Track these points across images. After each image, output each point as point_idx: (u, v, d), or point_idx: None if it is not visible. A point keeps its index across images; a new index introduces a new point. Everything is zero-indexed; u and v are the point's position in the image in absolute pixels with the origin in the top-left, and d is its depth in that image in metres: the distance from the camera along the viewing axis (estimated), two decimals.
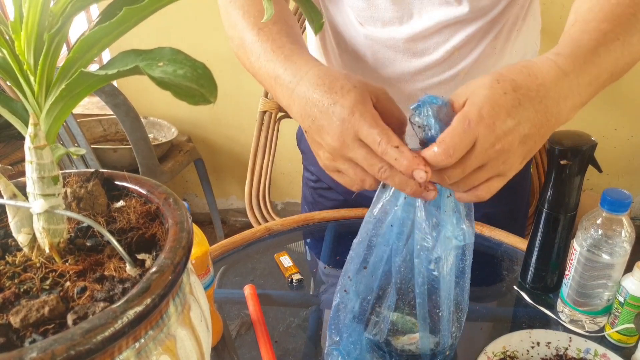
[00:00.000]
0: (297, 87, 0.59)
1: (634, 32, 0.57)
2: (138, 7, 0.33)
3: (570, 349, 0.66)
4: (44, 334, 0.31)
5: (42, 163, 0.37)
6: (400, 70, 0.82)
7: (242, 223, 2.59)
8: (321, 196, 1.05)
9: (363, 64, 0.84)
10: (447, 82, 0.81)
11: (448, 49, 0.78)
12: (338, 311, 0.62)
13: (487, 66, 0.82)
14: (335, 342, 0.63)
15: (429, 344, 0.61)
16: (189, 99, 0.34)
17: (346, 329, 0.62)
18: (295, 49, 0.65)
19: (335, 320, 0.62)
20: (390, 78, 0.83)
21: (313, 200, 1.07)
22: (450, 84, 0.82)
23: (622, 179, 2.35)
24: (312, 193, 1.07)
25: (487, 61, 0.81)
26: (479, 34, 0.78)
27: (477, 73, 0.81)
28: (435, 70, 0.81)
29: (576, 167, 0.68)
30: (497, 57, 0.82)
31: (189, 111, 2.30)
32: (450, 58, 0.79)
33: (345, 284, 0.61)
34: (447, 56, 0.79)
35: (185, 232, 0.38)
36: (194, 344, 0.37)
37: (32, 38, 0.35)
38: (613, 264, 0.66)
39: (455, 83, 0.81)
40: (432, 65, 0.80)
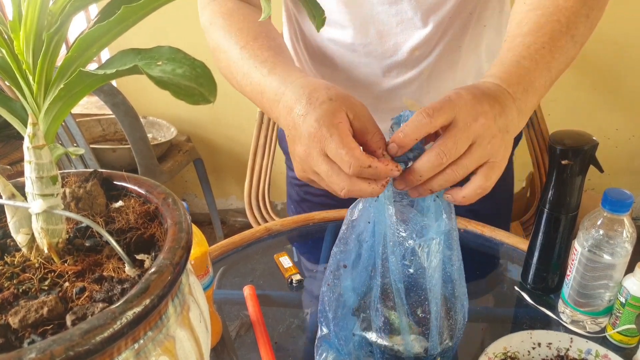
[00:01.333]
0: (282, 98, 0.60)
1: (559, 36, 0.61)
2: (136, 5, 0.33)
3: (572, 350, 0.66)
4: (43, 334, 0.31)
5: (40, 163, 0.37)
6: (365, 73, 0.83)
7: (242, 223, 2.59)
8: (307, 193, 1.05)
9: (331, 68, 0.86)
10: (412, 82, 0.83)
11: (407, 50, 0.79)
12: (323, 304, 0.62)
13: (451, 63, 0.82)
14: (324, 334, 0.63)
15: (414, 347, 0.60)
16: (188, 99, 0.34)
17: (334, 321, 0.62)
18: (278, 62, 0.66)
19: (324, 313, 0.62)
20: (356, 81, 0.85)
21: (299, 198, 1.07)
22: (414, 84, 0.83)
23: (624, 179, 2.35)
24: (297, 191, 1.07)
25: (451, 58, 0.82)
26: (436, 33, 0.78)
27: (441, 72, 0.82)
28: (398, 71, 0.82)
29: (577, 167, 0.68)
30: (462, 54, 0.82)
31: (189, 111, 2.30)
32: (411, 58, 0.80)
33: (328, 278, 0.62)
34: (408, 57, 0.80)
35: (185, 233, 0.38)
36: (193, 344, 0.37)
37: (31, 37, 0.35)
38: (614, 264, 0.66)
39: (419, 82, 0.83)
40: (394, 66, 0.81)
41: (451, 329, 0.62)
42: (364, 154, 0.52)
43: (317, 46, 0.86)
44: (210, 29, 0.76)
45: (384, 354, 0.61)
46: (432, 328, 0.59)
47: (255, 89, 0.66)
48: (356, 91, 0.85)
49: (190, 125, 2.35)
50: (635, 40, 2.04)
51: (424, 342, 0.61)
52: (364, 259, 0.60)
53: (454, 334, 0.62)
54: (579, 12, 0.63)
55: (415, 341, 0.61)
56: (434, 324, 0.59)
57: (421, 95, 0.84)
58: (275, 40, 0.72)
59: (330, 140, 0.52)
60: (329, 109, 0.54)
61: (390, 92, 0.84)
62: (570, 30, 0.62)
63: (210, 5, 0.78)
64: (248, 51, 0.68)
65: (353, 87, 0.85)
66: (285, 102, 0.59)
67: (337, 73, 0.85)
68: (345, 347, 0.62)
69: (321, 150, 0.53)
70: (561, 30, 0.62)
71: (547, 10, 0.63)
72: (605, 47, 2.05)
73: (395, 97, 0.84)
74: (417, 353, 0.61)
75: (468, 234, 0.92)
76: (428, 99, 0.84)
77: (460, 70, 0.83)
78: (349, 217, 0.60)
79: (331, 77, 0.87)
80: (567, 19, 0.62)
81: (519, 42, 0.61)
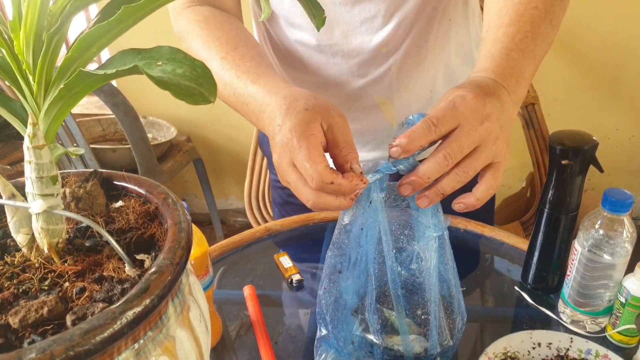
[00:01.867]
0: (266, 109, 0.60)
1: (539, 22, 0.63)
2: (136, 5, 0.33)
3: (572, 350, 0.66)
4: (43, 334, 0.31)
5: (40, 163, 0.37)
6: (335, 72, 0.83)
7: (242, 223, 2.59)
8: (290, 195, 1.05)
9: (300, 70, 0.86)
10: (381, 80, 0.83)
11: (373, 48, 0.80)
12: (321, 306, 0.62)
13: (419, 59, 0.83)
14: (323, 335, 0.63)
15: (415, 347, 0.61)
16: (188, 99, 0.34)
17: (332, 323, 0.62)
18: (261, 72, 0.66)
19: (322, 315, 0.62)
20: (327, 81, 0.85)
21: (282, 200, 1.07)
22: (384, 81, 0.83)
23: (624, 179, 2.35)
24: (280, 194, 1.07)
25: (419, 53, 0.82)
26: (401, 29, 0.79)
27: (410, 68, 0.83)
28: (367, 69, 0.82)
29: (577, 167, 0.68)
30: (430, 49, 0.82)
31: (189, 111, 2.30)
32: (378, 56, 0.81)
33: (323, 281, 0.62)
34: (374, 55, 0.80)
35: (185, 233, 0.38)
36: (193, 344, 0.37)
37: (31, 37, 0.35)
38: (614, 264, 0.66)
39: (388, 79, 0.83)
40: (362, 65, 0.82)
41: (450, 328, 0.62)
42: (327, 169, 0.52)
43: (285, 49, 0.86)
44: (187, 37, 0.75)
45: (383, 355, 0.61)
46: (432, 328, 0.59)
47: (239, 100, 0.66)
48: (328, 92, 0.85)
49: (190, 125, 2.35)
50: (635, 40, 2.04)
51: (424, 342, 0.61)
52: (362, 262, 0.60)
53: (454, 333, 0.62)
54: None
55: (415, 341, 0.61)
56: (433, 324, 0.59)
57: (392, 92, 0.84)
58: (255, 49, 0.72)
59: (299, 151, 0.53)
60: (303, 119, 0.54)
61: (361, 91, 0.84)
62: (549, 15, 0.63)
63: (185, 13, 0.77)
64: (229, 62, 0.68)
65: (324, 87, 0.85)
66: (269, 112, 0.60)
67: (307, 75, 0.86)
68: (345, 348, 0.62)
69: (290, 161, 0.54)
70: (540, 17, 0.63)
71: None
72: (605, 47, 2.05)
73: (366, 95, 0.85)
74: (417, 353, 0.61)
75: (468, 234, 0.92)
76: (399, 96, 0.85)
77: (429, 65, 0.84)
78: (341, 221, 0.60)
79: (302, 79, 0.87)
80: (544, 4, 0.63)
81: (503, 33, 0.61)
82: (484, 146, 0.53)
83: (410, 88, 0.85)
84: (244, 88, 0.65)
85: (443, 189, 0.54)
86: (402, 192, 0.54)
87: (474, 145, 0.53)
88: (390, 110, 0.86)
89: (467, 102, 0.53)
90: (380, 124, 0.88)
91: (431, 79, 0.85)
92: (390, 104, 0.85)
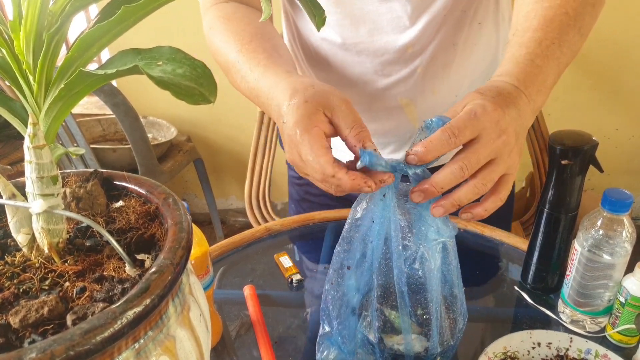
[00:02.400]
0: (272, 102, 0.61)
1: (567, 29, 0.61)
2: (136, 5, 0.33)
3: (571, 350, 0.66)
4: (43, 334, 0.31)
5: (41, 163, 0.37)
6: (359, 71, 0.83)
7: (242, 223, 2.59)
8: (307, 193, 1.05)
9: (325, 67, 0.86)
10: (405, 81, 0.82)
11: (398, 48, 0.79)
12: (326, 303, 0.62)
13: (446, 62, 0.82)
14: (326, 332, 0.63)
15: (416, 347, 0.61)
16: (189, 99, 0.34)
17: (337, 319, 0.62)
18: (270, 64, 0.67)
19: (326, 312, 0.62)
20: (351, 79, 0.85)
21: (299, 197, 1.07)
22: (408, 82, 0.83)
23: (623, 179, 2.35)
24: (297, 190, 1.07)
25: (446, 56, 0.82)
26: (427, 31, 0.78)
27: (436, 70, 0.82)
28: (391, 69, 0.82)
29: (577, 167, 0.68)
30: (458, 53, 0.82)
31: (189, 111, 2.30)
32: (403, 57, 0.80)
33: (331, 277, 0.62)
34: (399, 55, 0.80)
35: (185, 233, 0.38)
36: (194, 344, 0.37)
37: (31, 37, 0.35)
38: (614, 264, 0.66)
39: (413, 81, 0.82)
40: (386, 64, 0.81)
41: (451, 328, 0.62)
42: (329, 163, 0.52)
43: (312, 45, 0.86)
44: (210, 33, 0.78)
45: (383, 353, 0.61)
46: (433, 328, 0.59)
47: (253, 92, 0.67)
48: (351, 90, 0.85)
49: (191, 125, 2.35)
50: (636, 40, 2.04)
51: (425, 342, 0.61)
52: (368, 259, 0.60)
53: (454, 333, 0.62)
54: (585, 2, 0.63)
55: (416, 341, 0.61)
56: (434, 324, 0.59)
57: (416, 94, 0.84)
58: (271, 41, 0.72)
59: (302, 146, 0.54)
60: (304, 113, 0.55)
61: (385, 91, 0.84)
62: (578, 23, 0.62)
63: (211, 10, 0.79)
64: (244, 54, 0.69)
65: (348, 85, 0.85)
66: (275, 105, 0.60)
67: (332, 72, 0.86)
68: (347, 345, 0.62)
69: (297, 154, 0.55)
70: (569, 24, 0.61)
71: (554, 2, 0.62)
72: (605, 47, 2.05)
73: (390, 95, 0.84)
74: (418, 352, 0.61)
75: (468, 234, 0.92)
76: (423, 98, 0.84)
77: (456, 68, 0.83)
78: (352, 215, 0.60)
79: (326, 76, 0.87)
80: (574, 11, 0.62)
81: (530, 38, 0.60)
82: (500, 158, 0.53)
83: (436, 91, 0.84)
84: (255, 81, 0.66)
85: (460, 200, 0.54)
86: (413, 199, 0.54)
87: (490, 157, 0.53)
88: (414, 112, 0.85)
89: (487, 113, 0.52)
90: (403, 126, 0.88)
91: (458, 82, 0.84)
92: (414, 106, 0.85)
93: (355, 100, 0.86)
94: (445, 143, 0.51)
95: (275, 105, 0.60)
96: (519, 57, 0.59)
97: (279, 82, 0.61)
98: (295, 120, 0.55)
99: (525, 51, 0.59)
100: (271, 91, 0.62)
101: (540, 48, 0.59)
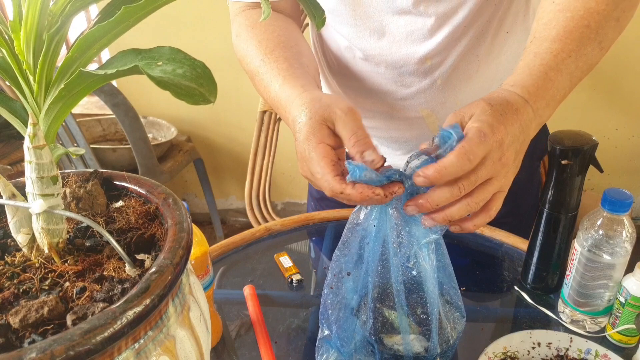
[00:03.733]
0: (289, 116, 0.63)
1: (587, 42, 0.60)
2: (137, 5, 0.33)
3: (571, 350, 0.66)
4: (43, 334, 0.31)
5: (41, 163, 0.37)
6: (379, 81, 0.83)
7: (242, 223, 2.59)
8: None
9: (347, 76, 0.87)
10: (425, 91, 0.82)
11: (418, 60, 0.79)
12: (325, 307, 0.62)
13: (469, 73, 0.81)
14: (325, 335, 0.63)
15: (415, 347, 0.61)
16: (189, 99, 0.34)
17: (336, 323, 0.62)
18: (288, 75, 0.68)
19: (325, 315, 0.63)
20: (372, 89, 0.85)
21: (319, 195, 1.08)
22: (428, 93, 0.82)
23: (623, 179, 2.35)
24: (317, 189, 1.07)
25: (468, 68, 0.80)
26: (448, 42, 0.77)
27: (458, 81, 0.81)
28: (411, 80, 0.81)
29: (577, 167, 0.68)
30: (482, 63, 0.80)
31: (189, 111, 2.30)
32: (423, 68, 0.80)
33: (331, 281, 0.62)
34: (419, 66, 0.79)
35: (185, 233, 0.38)
36: (194, 344, 0.37)
37: (31, 37, 0.35)
38: (614, 264, 0.66)
39: (433, 91, 0.82)
40: (406, 75, 0.81)
41: (451, 328, 0.62)
42: (336, 179, 0.53)
43: (334, 54, 0.86)
44: (236, 41, 0.79)
45: (383, 354, 0.62)
46: (432, 328, 0.59)
47: (274, 102, 0.69)
48: (372, 99, 0.85)
49: (191, 125, 2.35)
50: (636, 40, 2.04)
51: (424, 342, 0.61)
52: (366, 260, 0.60)
53: (454, 333, 0.62)
54: (609, 16, 0.61)
55: (415, 341, 0.61)
56: (433, 324, 0.59)
57: (436, 105, 0.83)
58: (294, 49, 0.73)
59: (311, 163, 0.55)
60: (309, 131, 0.56)
61: (405, 101, 0.83)
62: (599, 37, 0.61)
63: (238, 18, 0.81)
64: (266, 64, 0.71)
65: (369, 95, 0.85)
66: (291, 120, 0.62)
67: (353, 81, 0.86)
68: (346, 348, 0.62)
69: (310, 171, 0.57)
70: (589, 37, 0.60)
71: (577, 13, 0.60)
72: None
73: (410, 107, 0.84)
74: (417, 353, 0.61)
75: (468, 234, 0.92)
76: (444, 108, 0.83)
77: (480, 79, 0.82)
78: (353, 220, 0.60)
79: (348, 84, 0.87)
80: (597, 24, 0.60)
81: (547, 48, 0.59)
82: (496, 179, 0.53)
83: (458, 102, 0.83)
84: (275, 93, 0.68)
85: (451, 216, 0.54)
86: (407, 211, 0.54)
87: (487, 177, 0.53)
88: (435, 122, 0.85)
89: (494, 134, 0.52)
90: (425, 136, 0.87)
91: (481, 92, 0.81)
92: (435, 117, 0.84)
93: (376, 110, 0.86)
94: (460, 170, 0.50)
95: (292, 121, 0.61)
96: (532, 68, 0.58)
97: (294, 98, 0.63)
98: (303, 137, 0.57)
99: (539, 62, 0.59)
100: (288, 105, 0.64)
101: (556, 61, 0.58)
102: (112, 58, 0.37)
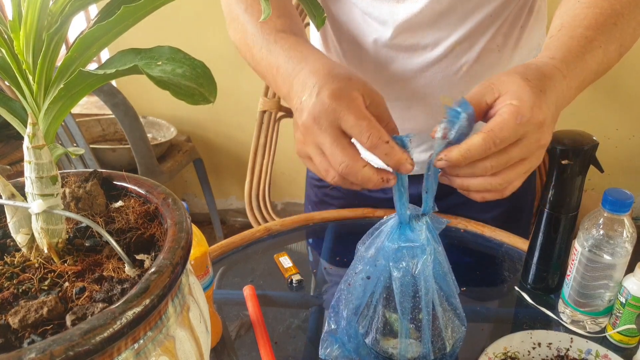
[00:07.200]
0: (299, 73, 0.59)
1: (613, 40, 0.60)
2: (136, 5, 0.33)
3: (572, 350, 0.66)
4: (43, 334, 0.31)
5: (40, 163, 0.37)
6: (402, 69, 0.82)
7: (242, 223, 2.59)
8: (326, 195, 1.05)
9: (365, 63, 0.84)
10: (449, 78, 0.81)
11: (449, 45, 0.78)
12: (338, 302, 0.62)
13: (490, 63, 0.81)
14: (332, 329, 0.63)
15: (409, 352, 0.61)
16: (188, 99, 0.34)
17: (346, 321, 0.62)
18: (301, 40, 0.66)
19: (336, 310, 0.63)
20: (392, 76, 0.83)
21: (317, 199, 1.07)
22: (452, 79, 0.81)
23: (624, 179, 2.35)
24: (316, 192, 1.07)
25: (490, 57, 0.81)
26: (478, 28, 0.78)
27: (479, 69, 0.81)
28: (437, 67, 0.81)
29: (577, 167, 0.68)
30: (498, 54, 0.81)
31: (188, 111, 2.30)
32: (452, 54, 0.79)
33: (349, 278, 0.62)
34: (448, 52, 0.79)
35: (184, 233, 0.38)
36: (193, 344, 0.37)
37: (31, 37, 0.35)
38: (614, 264, 0.66)
39: (457, 78, 0.81)
40: (434, 61, 0.80)
41: (449, 336, 0.62)
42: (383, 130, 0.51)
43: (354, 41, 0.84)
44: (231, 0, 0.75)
45: (378, 356, 0.62)
46: (425, 334, 0.59)
47: (271, 64, 0.65)
48: (392, 87, 0.84)
49: (190, 125, 2.35)
50: None
51: (418, 347, 0.61)
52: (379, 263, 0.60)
53: (452, 341, 0.62)
54: (632, 21, 0.61)
55: (411, 346, 0.61)
56: (426, 330, 0.59)
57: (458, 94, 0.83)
58: (298, 24, 0.71)
59: (348, 112, 0.52)
60: (347, 85, 0.54)
61: (427, 88, 0.82)
62: (621, 38, 0.61)
63: None
64: (269, 27, 0.68)
65: (388, 83, 0.84)
66: (302, 76, 0.58)
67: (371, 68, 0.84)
68: (352, 344, 0.62)
69: (332, 122, 0.52)
70: (615, 35, 0.60)
71: (605, 11, 0.60)
72: None
73: (432, 94, 0.83)
74: (411, 358, 0.61)
75: (468, 234, 0.92)
76: None
77: (499, 69, 0.82)
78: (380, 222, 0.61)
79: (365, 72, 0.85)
80: (622, 25, 0.60)
81: (581, 34, 0.58)
82: (528, 160, 0.52)
83: None
84: (279, 52, 0.64)
85: (467, 187, 0.53)
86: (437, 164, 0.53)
87: (520, 158, 0.52)
88: None
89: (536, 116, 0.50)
90: None
91: None
92: None
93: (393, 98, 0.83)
94: (484, 153, 0.49)
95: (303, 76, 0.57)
96: (571, 47, 0.57)
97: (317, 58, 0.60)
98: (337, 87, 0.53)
99: (576, 43, 0.57)
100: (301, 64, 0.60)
101: (591, 46, 0.57)
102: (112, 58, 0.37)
